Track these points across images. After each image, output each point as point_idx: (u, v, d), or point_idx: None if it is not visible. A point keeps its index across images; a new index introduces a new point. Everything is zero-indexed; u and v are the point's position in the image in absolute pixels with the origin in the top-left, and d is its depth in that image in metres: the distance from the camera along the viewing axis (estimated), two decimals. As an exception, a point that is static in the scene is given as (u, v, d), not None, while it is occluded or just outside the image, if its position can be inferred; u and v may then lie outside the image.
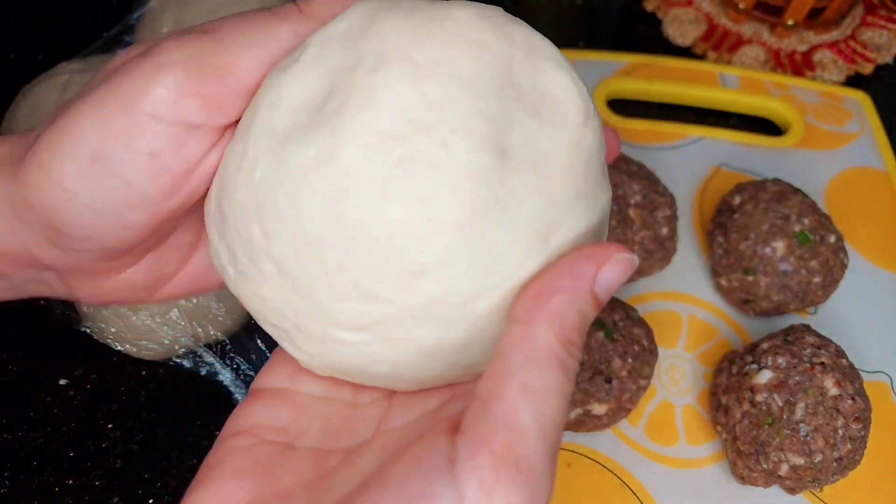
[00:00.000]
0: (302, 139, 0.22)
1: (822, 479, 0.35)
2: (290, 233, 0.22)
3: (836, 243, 0.42)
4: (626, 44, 0.59)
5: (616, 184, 0.43)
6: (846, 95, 0.55)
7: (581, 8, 0.63)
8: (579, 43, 0.60)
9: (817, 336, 0.37)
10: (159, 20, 0.52)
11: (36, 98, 0.46)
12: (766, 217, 0.41)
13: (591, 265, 0.21)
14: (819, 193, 0.49)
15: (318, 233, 0.21)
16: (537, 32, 0.25)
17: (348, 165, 0.21)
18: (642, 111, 0.54)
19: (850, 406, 0.34)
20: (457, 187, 0.21)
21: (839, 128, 0.53)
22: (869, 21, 0.60)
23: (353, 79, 0.22)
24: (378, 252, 0.21)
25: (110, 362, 0.42)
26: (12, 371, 0.42)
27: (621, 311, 0.39)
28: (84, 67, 0.48)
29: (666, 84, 0.54)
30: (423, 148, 0.21)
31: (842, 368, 0.36)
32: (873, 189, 0.49)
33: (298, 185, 0.22)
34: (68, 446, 0.39)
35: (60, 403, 0.41)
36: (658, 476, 0.38)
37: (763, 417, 0.35)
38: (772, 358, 0.36)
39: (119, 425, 0.40)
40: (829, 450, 0.34)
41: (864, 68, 0.58)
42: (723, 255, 0.43)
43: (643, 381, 0.38)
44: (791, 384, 0.35)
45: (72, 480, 0.38)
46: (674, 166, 0.50)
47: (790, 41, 0.59)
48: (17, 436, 0.40)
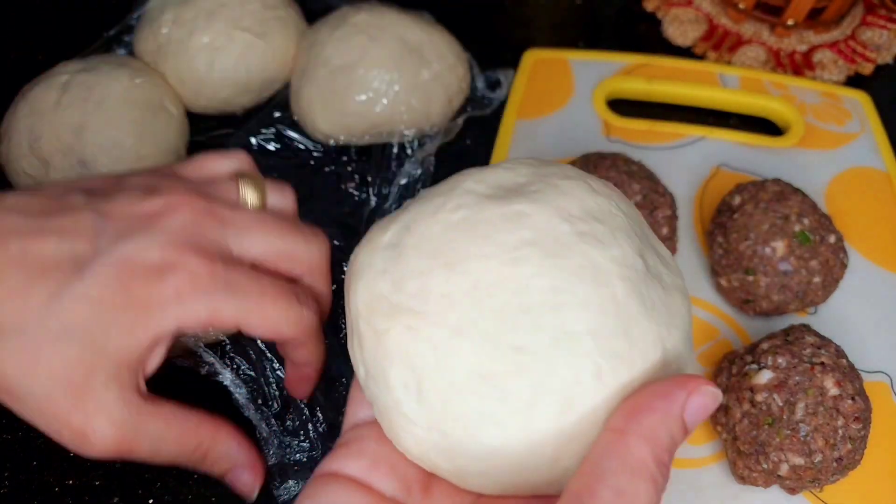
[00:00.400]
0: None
1: (822, 479, 0.35)
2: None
3: (836, 243, 0.42)
4: (626, 44, 0.59)
5: (616, 184, 0.43)
6: (846, 95, 0.55)
7: (581, 8, 0.63)
8: (579, 43, 0.60)
9: (817, 336, 0.37)
10: (159, 20, 0.52)
11: (36, 98, 0.46)
12: (766, 217, 0.41)
13: (682, 391, 0.23)
14: (819, 193, 0.49)
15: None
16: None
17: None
18: (642, 111, 0.54)
19: (850, 406, 0.34)
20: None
21: (839, 128, 0.53)
22: (869, 21, 0.60)
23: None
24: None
25: (110, 362, 0.42)
26: (12, 371, 0.42)
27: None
28: (84, 67, 0.48)
29: (666, 84, 0.54)
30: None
31: (842, 368, 0.36)
32: (873, 189, 0.49)
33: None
34: (68, 446, 0.39)
35: (60, 403, 0.41)
36: (658, 476, 0.38)
37: (763, 417, 0.35)
38: (772, 358, 0.36)
39: (119, 425, 0.40)
40: (829, 450, 0.34)
41: (864, 68, 0.58)
42: (723, 255, 0.43)
43: (643, 381, 0.38)
44: (791, 384, 0.35)
45: (72, 480, 0.38)
46: (674, 166, 0.50)
47: (790, 41, 0.59)
48: (17, 436, 0.40)
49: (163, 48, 0.51)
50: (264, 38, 0.51)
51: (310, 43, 0.52)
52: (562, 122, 0.53)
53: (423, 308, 0.25)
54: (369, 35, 0.50)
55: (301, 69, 0.52)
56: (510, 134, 0.52)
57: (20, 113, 0.46)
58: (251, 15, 0.51)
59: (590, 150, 0.47)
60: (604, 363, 0.24)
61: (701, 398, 0.23)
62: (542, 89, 0.55)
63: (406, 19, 0.51)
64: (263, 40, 0.51)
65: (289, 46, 0.53)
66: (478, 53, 0.55)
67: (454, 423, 0.24)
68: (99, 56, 0.51)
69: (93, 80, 0.46)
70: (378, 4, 0.52)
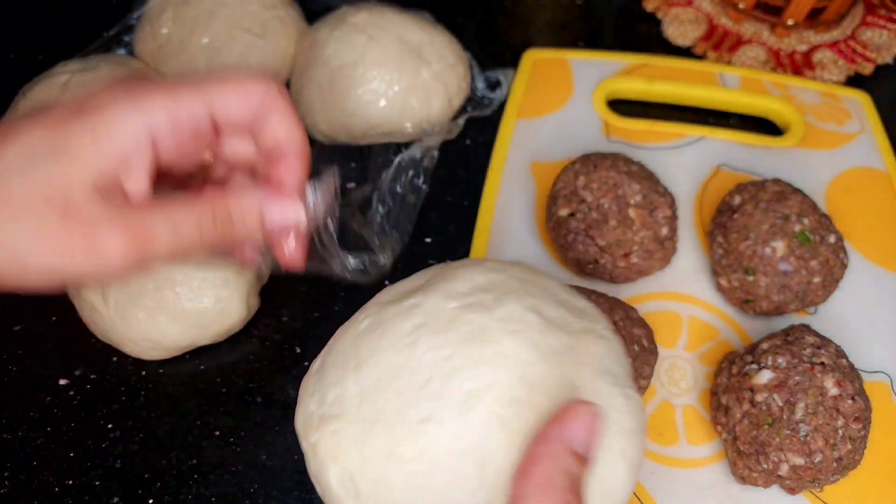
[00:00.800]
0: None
1: (822, 479, 0.35)
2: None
3: (836, 243, 0.42)
4: (626, 44, 0.59)
5: (616, 184, 0.43)
6: (846, 95, 0.55)
7: (581, 8, 0.63)
8: (579, 43, 0.60)
9: (817, 336, 0.37)
10: (159, 20, 0.52)
11: (36, 98, 0.46)
12: (766, 217, 0.41)
13: (555, 427, 0.24)
14: (819, 193, 0.49)
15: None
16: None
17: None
18: (642, 111, 0.54)
19: (850, 406, 0.34)
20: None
21: (839, 128, 0.53)
22: (869, 21, 0.60)
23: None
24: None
25: (110, 362, 0.42)
26: (12, 371, 0.42)
27: (621, 311, 0.39)
28: (84, 67, 0.48)
29: (666, 84, 0.54)
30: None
31: (842, 368, 0.36)
32: (873, 189, 0.49)
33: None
34: (68, 446, 0.39)
35: (60, 403, 0.41)
36: (658, 476, 0.38)
37: (763, 417, 0.35)
38: (772, 358, 0.36)
39: (119, 425, 0.40)
40: (829, 450, 0.34)
41: (864, 68, 0.58)
42: (723, 255, 0.43)
43: (643, 381, 0.38)
44: (791, 384, 0.35)
45: (72, 480, 0.38)
46: (674, 166, 0.50)
47: (790, 41, 0.59)
48: (17, 436, 0.40)
49: (163, 48, 0.51)
50: (264, 38, 0.51)
51: (310, 43, 0.52)
52: (562, 122, 0.53)
53: (342, 411, 0.27)
54: (369, 35, 0.50)
55: (301, 69, 0.52)
56: (510, 134, 0.52)
57: (20, 113, 0.46)
58: (251, 15, 0.51)
59: (590, 150, 0.47)
60: (505, 412, 0.25)
61: (577, 423, 0.24)
62: (542, 89, 0.55)
63: (406, 19, 0.51)
64: (263, 40, 0.51)
65: (289, 46, 0.53)
66: (478, 53, 0.55)
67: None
68: (99, 56, 0.51)
69: (93, 80, 0.46)
70: (378, 4, 0.52)
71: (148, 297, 0.39)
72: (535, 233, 0.47)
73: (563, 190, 0.44)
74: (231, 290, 0.41)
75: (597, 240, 0.42)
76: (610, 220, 0.42)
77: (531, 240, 0.47)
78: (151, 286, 0.39)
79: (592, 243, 0.42)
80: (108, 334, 0.41)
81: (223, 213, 0.30)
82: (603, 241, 0.42)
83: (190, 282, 0.40)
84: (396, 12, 0.52)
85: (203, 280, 0.40)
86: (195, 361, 0.42)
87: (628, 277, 0.44)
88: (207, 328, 0.41)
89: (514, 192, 0.49)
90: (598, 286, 0.43)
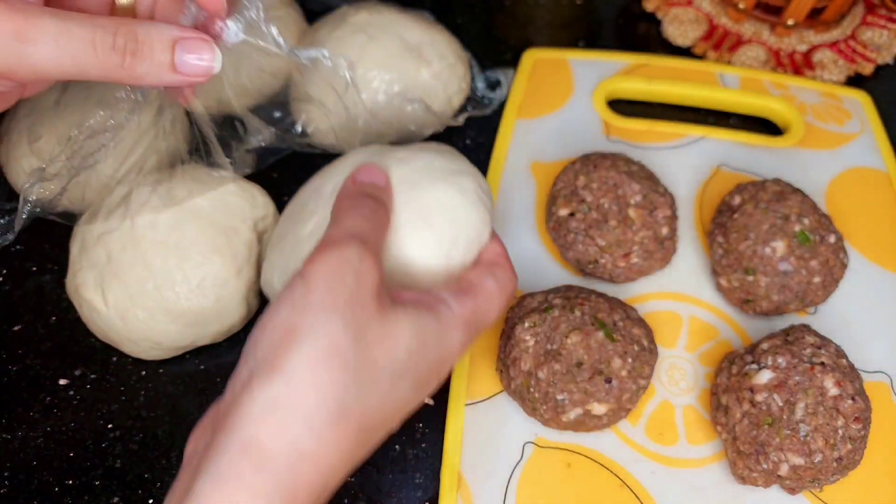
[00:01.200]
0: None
1: (822, 479, 0.35)
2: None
3: (836, 243, 0.42)
4: (626, 44, 0.59)
5: (616, 184, 0.43)
6: (846, 95, 0.55)
7: (581, 8, 0.63)
8: (579, 43, 0.60)
9: (817, 336, 0.37)
10: (159, 20, 0.52)
11: (36, 98, 0.46)
12: (766, 217, 0.41)
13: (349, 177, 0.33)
14: (819, 193, 0.49)
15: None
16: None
17: None
18: (642, 111, 0.54)
19: (850, 406, 0.34)
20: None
21: (839, 128, 0.53)
22: (869, 21, 0.60)
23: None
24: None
25: (110, 362, 0.42)
26: (12, 371, 0.42)
27: (621, 311, 0.39)
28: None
29: (666, 84, 0.54)
30: None
31: (842, 368, 0.36)
32: (873, 189, 0.49)
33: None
34: (68, 446, 0.39)
35: (60, 403, 0.41)
36: (658, 476, 0.38)
37: (763, 417, 0.35)
38: (772, 358, 0.36)
39: (119, 425, 0.40)
40: (829, 450, 0.34)
41: (864, 68, 0.58)
42: (723, 255, 0.43)
43: (643, 381, 0.38)
44: (791, 384, 0.35)
45: (72, 480, 0.38)
46: (674, 166, 0.50)
47: (790, 41, 0.59)
48: (17, 436, 0.40)
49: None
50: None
51: (310, 43, 0.52)
52: (562, 121, 0.53)
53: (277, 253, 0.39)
54: (369, 34, 0.50)
55: (301, 69, 0.52)
56: (510, 134, 0.52)
57: (20, 113, 0.46)
58: (251, 15, 0.51)
59: (590, 150, 0.47)
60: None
61: (360, 169, 0.33)
62: (542, 89, 0.55)
63: (406, 19, 0.51)
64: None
65: (289, 46, 0.53)
66: (478, 53, 0.55)
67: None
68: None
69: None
70: (378, 4, 0.52)
71: (148, 297, 0.39)
72: (535, 233, 0.47)
73: (563, 190, 0.44)
74: (231, 290, 0.41)
75: (597, 240, 0.42)
76: (610, 220, 0.42)
77: (531, 239, 0.47)
78: (151, 286, 0.39)
79: (592, 243, 0.42)
80: (107, 334, 0.41)
81: (129, 35, 0.28)
82: (603, 241, 0.42)
83: (190, 281, 0.40)
84: (396, 12, 0.52)
85: (203, 280, 0.40)
86: (195, 361, 0.42)
87: (628, 277, 0.44)
88: (207, 328, 0.41)
89: (514, 191, 0.49)
90: (598, 286, 0.43)
